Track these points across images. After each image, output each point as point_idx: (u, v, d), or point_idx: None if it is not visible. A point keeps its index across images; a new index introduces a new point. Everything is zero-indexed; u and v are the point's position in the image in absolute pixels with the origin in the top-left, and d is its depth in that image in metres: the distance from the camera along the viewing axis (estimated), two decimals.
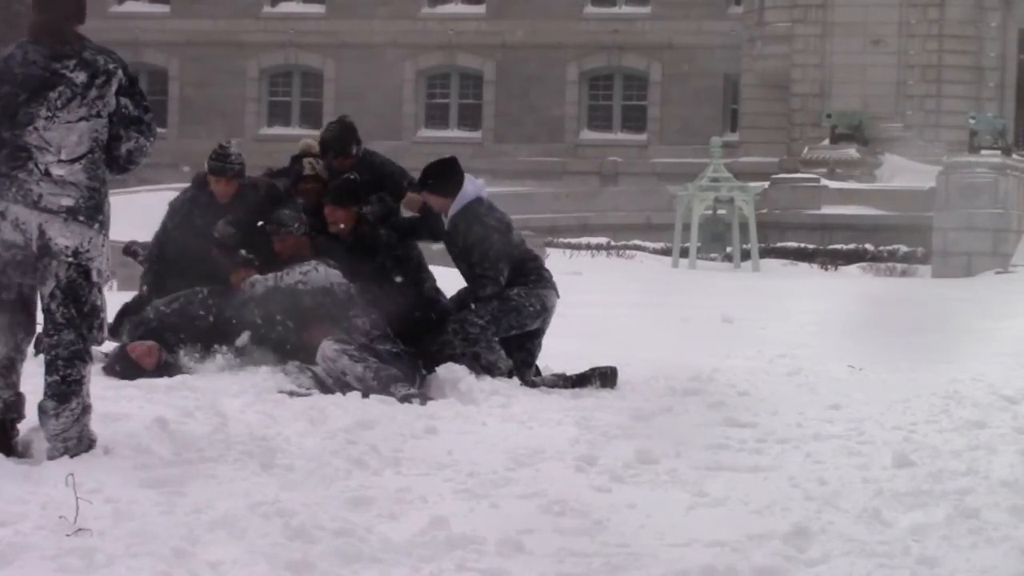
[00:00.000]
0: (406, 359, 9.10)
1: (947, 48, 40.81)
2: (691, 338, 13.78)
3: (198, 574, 4.89)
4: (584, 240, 36.42)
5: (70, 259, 6.59)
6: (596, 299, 19.22)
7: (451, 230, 9.55)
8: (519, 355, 9.47)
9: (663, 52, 47.11)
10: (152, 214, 10.64)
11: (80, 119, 6.57)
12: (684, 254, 34.06)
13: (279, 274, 9.57)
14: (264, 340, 9.52)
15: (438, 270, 10.41)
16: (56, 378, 6.59)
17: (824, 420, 8.35)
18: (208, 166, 10.01)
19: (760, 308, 18.31)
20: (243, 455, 6.70)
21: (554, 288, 9.66)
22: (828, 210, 36.43)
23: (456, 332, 9.25)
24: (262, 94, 50.17)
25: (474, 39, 48.35)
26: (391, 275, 9.63)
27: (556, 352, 10.88)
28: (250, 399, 8.45)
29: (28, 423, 6.80)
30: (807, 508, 6.06)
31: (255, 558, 5.05)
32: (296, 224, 9.79)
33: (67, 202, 6.54)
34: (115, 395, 8.35)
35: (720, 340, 13.55)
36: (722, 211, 35.39)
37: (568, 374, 9.66)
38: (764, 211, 36.03)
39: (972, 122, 35.59)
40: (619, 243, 36.24)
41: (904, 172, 38.71)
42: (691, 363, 10.64)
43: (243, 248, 9.86)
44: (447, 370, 9.09)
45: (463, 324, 9.27)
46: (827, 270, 33.56)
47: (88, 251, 6.62)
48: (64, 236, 6.56)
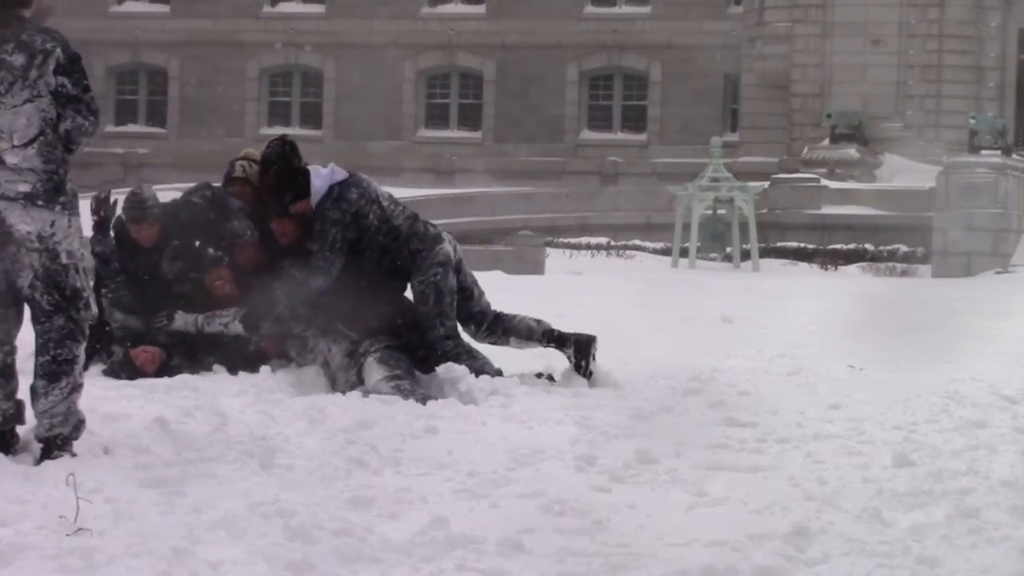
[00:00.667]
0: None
1: (947, 48, 40.83)
2: (691, 338, 13.78)
3: (198, 574, 4.89)
4: (584, 240, 36.46)
5: (36, 245, 6.52)
6: (596, 299, 19.22)
7: (314, 217, 9.61)
8: (471, 315, 9.63)
9: (663, 52, 47.13)
10: None
11: (25, 102, 6.50)
12: (684, 254, 34.08)
13: (199, 319, 9.63)
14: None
15: None
16: (47, 358, 6.56)
17: (824, 420, 8.35)
18: (125, 215, 9.87)
19: (760, 308, 18.31)
20: (243, 455, 6.70)
21: (440, 240, 9.60)
22: (828, 210, 36.46)
23: (447, 354, 9.33)
24: (262, 94, 50.18)
25: (474, 39, 48.38)
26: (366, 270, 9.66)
27: (556, 352, 10.87)
28: (250, 399, 8.46)
29: (28, 423, 6.80)
30: (807, 508, 6.05)
31: (255, 558, 5.05)
32: (248, 232, 9.83)
33: (24, 188, 6.49)
34: (115, 395, 8.36)
35: (720, 340, 13.55)
36: (722, 211, 35.41)
37: (548, 327, 9.69)
38: (764, 211, 36.05)
39: (972, 122, 35.60)
40: (619, 243, 36.27)
41: (904, 172, 38.73)
42: (691, 363, 10.63)
43: (195, 268, 9.84)
44: (447, 370, 9.10)
45: (442, 343, 9.33)
46: (827, 270, 33.58)
47: (53, 234, 6.55)
48: (24, 222, 6.50)
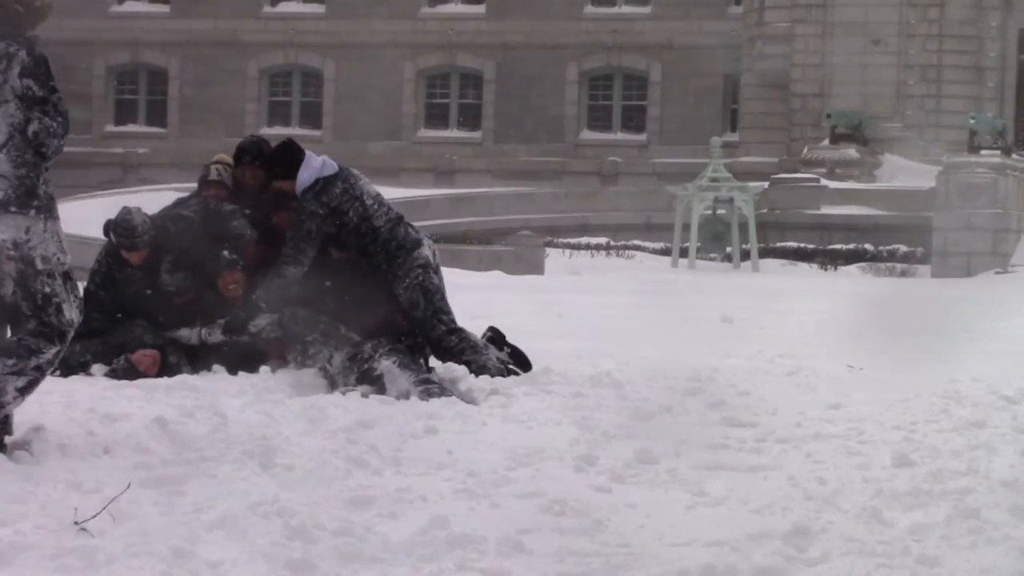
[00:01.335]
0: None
1: (947, 48, 40.84)
2: (691, 338, 13.78)
3: (198, 574, 4.89)
4: (584, 240, 36.47)
5: (12, 253, 6.46)
6: (596, 299, 19.23)
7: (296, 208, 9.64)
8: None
9: (663, 52, 47.13)
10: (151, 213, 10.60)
11: None
12: (684, 254, 34.08)
13: (202, 331, 9.65)
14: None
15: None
16: (12, 340, 6.50)
17: (824, 420, 8.35)
18: (117, 243, 9.81)
19: (760, 308, 18.31)
20: (243, 455, 6.69)
21: (420, 244, 9.61)
22: (828, 210, 36.46)
23: (452, 351, 9.33)
24: (262, 94, 50.18)
25: (474, 39, 48.38)
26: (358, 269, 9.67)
27: (556, 352, 10.88)
28: (250, 399, 8.46)
29: (28, 424, 6.80)
30: (807, 508, 6.05)
31: (255, 558, 5.05)
32: (248, 231, 9.85)
33: None
34: (115, 395, 8.36)
35: (720, 340, 13.55)
36: (722, 211, 35.40)
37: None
38: (764, 211, 36.06)
39: (972, 122, 35.61)
40: (619, 243, 36.28)
41: (904, 172, 38.74)
42: (691, 363, 10.63)
43: (197, 278, 9.85)
44: (447, 370, 9.10)
45: (447, 339, 9.34)
46: (827, 270, 33.58)
47: (28, 240, 6.49)
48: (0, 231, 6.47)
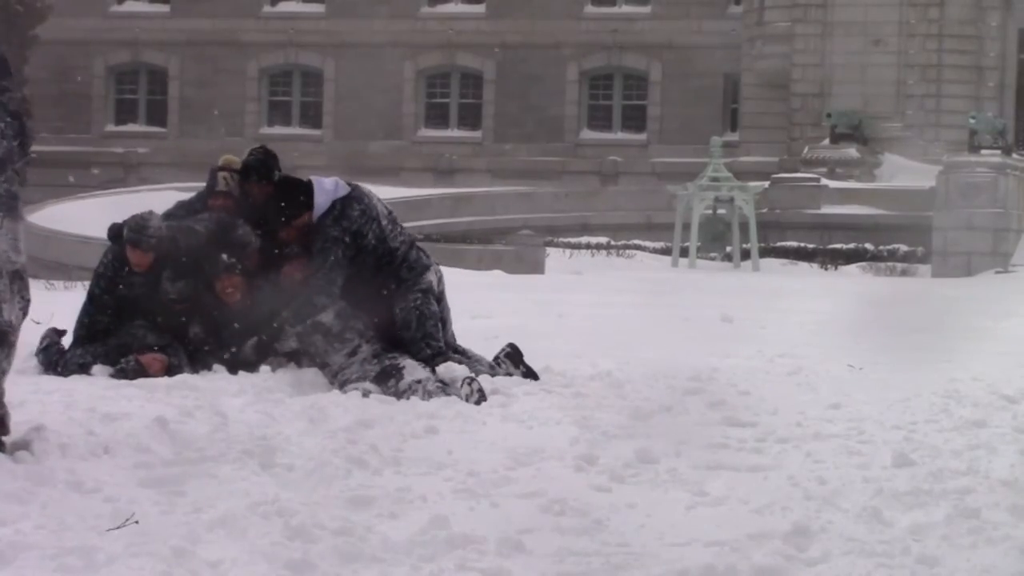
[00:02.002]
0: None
1: (947, 48, 40.84)
2: (691, 337, 13.77)
3: (198, 573, 4.89)
4: (584, 240, 36.44)
5: None
6: (596, 299, 19.22)
7: (314, 234, 9.65)
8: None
9: (663, 52, 47.13)
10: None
11: None
12: (684, 254, 34.07)
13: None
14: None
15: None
16: None
17: (824, 419, 8.35)
18: (127, 238, 9.78)
19: (760, 308, 18.30)
20: (243, 454, 6.69)
21: (426, 270, 9.70)
22: (828, 210, 36.46)
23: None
24: (262, 94, 50.17)
25: (474, 39, 48.38)
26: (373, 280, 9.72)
27: (556, 352, 10.88)
28: (250, 398, 8.46)
29: (28, 423, 6.80)
30: (807, 507, 6.05)
31: (255, 557, 5.05)
32: (253, 239, 9.86)
33: None
34: (115, 395, 8.36)
35: (720, 339, 13.54)
36: (722, 211, 35.39)
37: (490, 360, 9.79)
38: (764, 211, 36.05)
39: (972, 122, 35.61)
40: (619, 243, 36.26)
41: (904, 172, 38.74)
42: (691, 362, 10.63)
43: (198, 287, 9.85)
44: (447, 370, 9.11)
45: (431, 362, 9.40)
46: (827, 270, 33.57)
47: None
48: None
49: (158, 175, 43.68)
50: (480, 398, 8.64)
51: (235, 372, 9.37)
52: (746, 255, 34.26)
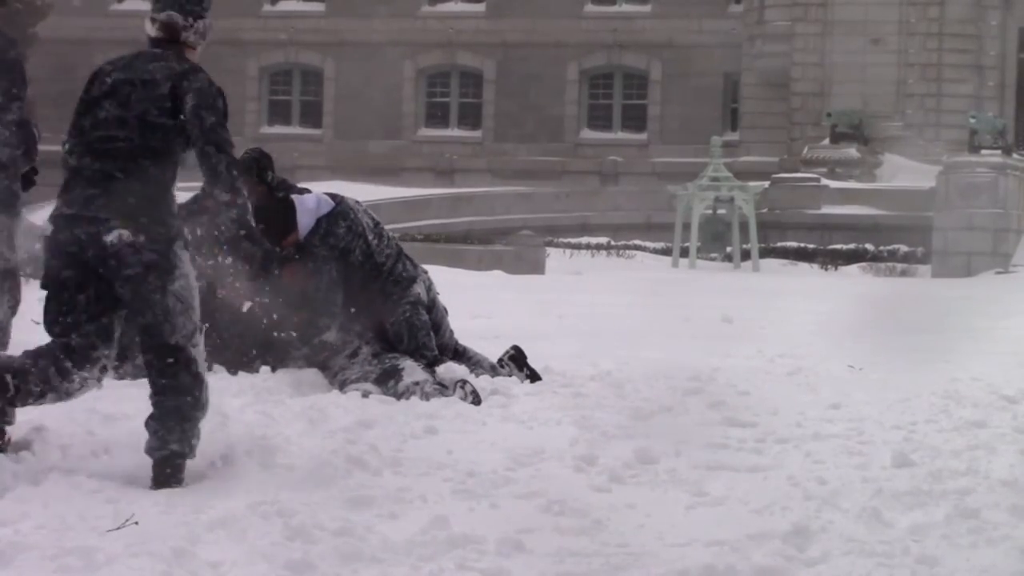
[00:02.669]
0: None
1: (947, 47, 40.83)
2: (691, 338, 13.78)
3: (198, 574, 4.89)
4: (584, 240, 36.44)
5: None
6: (596, 299, 19.22)
7: (305, 254, 9.72)
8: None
9: (663, 51, 47.12)
10: None
11: None
12: (684, 254, 34.08)
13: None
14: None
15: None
16: None
17: (824, 420, 8.35)
18: None
19: (760, 308, 18.30)
20: (243, 455, 6.70)
21: (413, 282, 9.73)
22: (828, 210, 36.46)
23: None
24: (262, 93, 50.16)
25: (474, 38, 48.37)
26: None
27: (556, 352, 10.89)
28: (250, 399, 8.47)
29: (29, 424, 6.80)
30: (807, 508, 6.05)
31: (255, 558, 5.05)
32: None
33: None
34: (115, 395, 8.35)
35: (720, 340, 13.54)
36: (722, 211, 35.39)
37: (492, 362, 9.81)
38: (764, 211, 36.05)
39: (972, 121, 35.61)
40: (619, 243, 36.26)
41: (904, 172, 38.73)
42: (691, 363, 10.63)
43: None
44: (447, 369, 9.11)
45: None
46: (827, 270, 33.57)
47: None
48: None
49: None
50: (475, 400, 8.64)
51: (235, 373, 9.38)
52: (746, 255, 34.26)
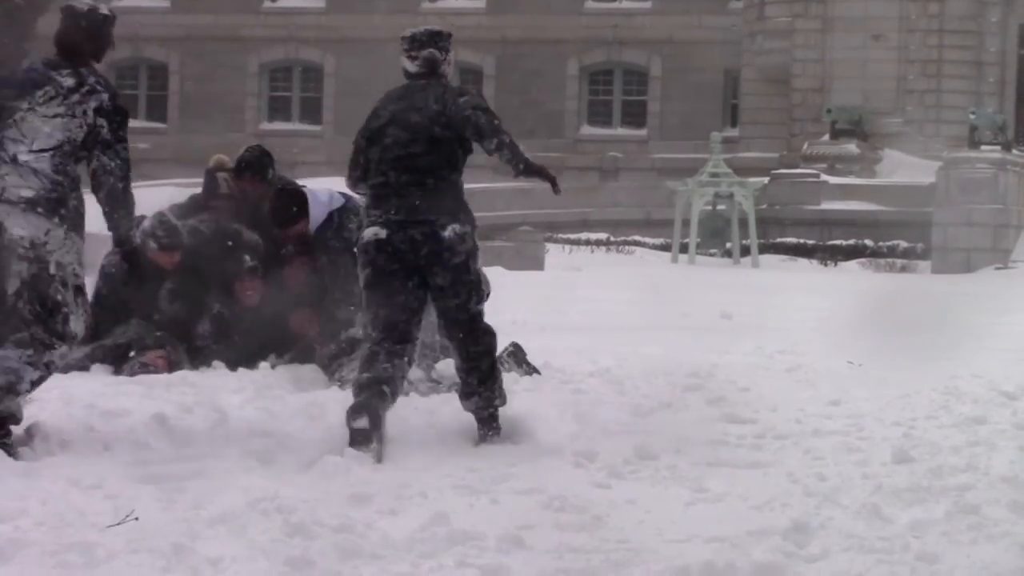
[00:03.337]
0: None
1: (947, 43, 40.81)
2: (690, 334, 13.77)
3: (198, 570, 4.89)
4: (584, 236, 36.41)
5: (28, 253, 6.54)
6: (595, 295, 19.21)
7: (316, 247, 9.81)
8: None
9: (663, 47, 47.11)
10: (153, 210, 10.60)
11: (55, 115, 6.66)
12: (684, 250, 34.05)
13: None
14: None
15: None
16: (26, 333, 6.56)
17: (824, 416, 8.36)
18: (161, 244, 9.76)
19: (760, 304, 18.30)
20: (243, 451, 6.70)
21: None
22: (828, 205, 36.43)
23: None
24: (262, 89, 50.14)
25: (474, 34, 48.32)
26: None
27: (556, 348, 10.89)
28: (249, 395, 8.47)
29: (28, 420, 6.81)
30: (807, 504, 6.06)
31: (255, 554, 5.05)
32: (259, 242, 9.97)
33: (27, 193, 6.56)
34: (114, 391, 8.36)
35: (719, 336, 13.54)
36: (722, 207, 35.35)
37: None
38: (764, 206, 36.02)
39: (972, 117, 35.58)
40: (619, 239, 36.22)
41: (904, 167, 38.71)
42: (690, 359, 10.63)
43: (192, 314, 9.89)
44: (446, 366, 9.10)
45: None
46: (827, 266, 33.54)
47: (46, 243, 6.57)
48: (20, 226, 6.54)
49: (158, 171, 43.56)
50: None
51: (234, 369, 9.39)
52: (746, 251, 34.23)
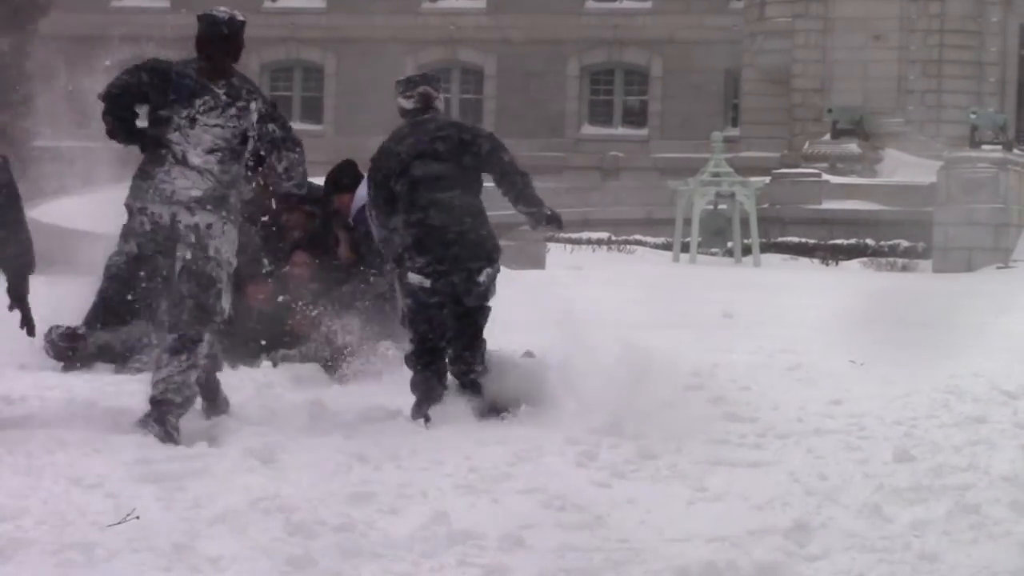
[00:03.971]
0: None
1: (948, 43, 40.79)
2: (692, 333, 13.76)
3: (199, 569, 4.89)
4: (585, 235, 36.35)
5: (191, 239, 7.23)
6: (597, 294, 19.19)
7: (355, 223, 10.15)
8: None
9: (664, 47, 47.09)
10: None
11: (215, 125, 7.47)
12: (685, 249, 34.03)
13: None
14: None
15: None
16: (174, 336, 7.20)
17: (825, 415, 8.36)
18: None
19: (761, 303, 18.29)
20: (244, 450, 6.70)
21: None
22: (829, 205, 36.40)
23: None
24: (263, 89, 50.11)
25: (475, 34, 48.35)
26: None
27: (556, 346, 10.86)
28: (251, 394, 8.47)
29: (29, 418, 6.81)
30: (808, 503, 6.06)
31: (256, 553, 5.05)
32: (263, 269, 10.05)
33: (196, 193, 7.31)
34: (116, 390, 8.37)
35: (721, 335, 13.54)
36: (723, 206, 35.32)
37: None
38: (765, 206, 36.00)
39: (973, 117, 35.57)
40: (620, 238, 36.18)
41: (905, 167, 38.69)
42: (692, 358, 10.62)
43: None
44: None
45: None
46: (828, 265, 33.52)
47: (210, 231, 7.28)
48: (188, 219, 7.29)
49: None
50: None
51: (235, 367, 9.39)
52: (747, 250, 34.21)
